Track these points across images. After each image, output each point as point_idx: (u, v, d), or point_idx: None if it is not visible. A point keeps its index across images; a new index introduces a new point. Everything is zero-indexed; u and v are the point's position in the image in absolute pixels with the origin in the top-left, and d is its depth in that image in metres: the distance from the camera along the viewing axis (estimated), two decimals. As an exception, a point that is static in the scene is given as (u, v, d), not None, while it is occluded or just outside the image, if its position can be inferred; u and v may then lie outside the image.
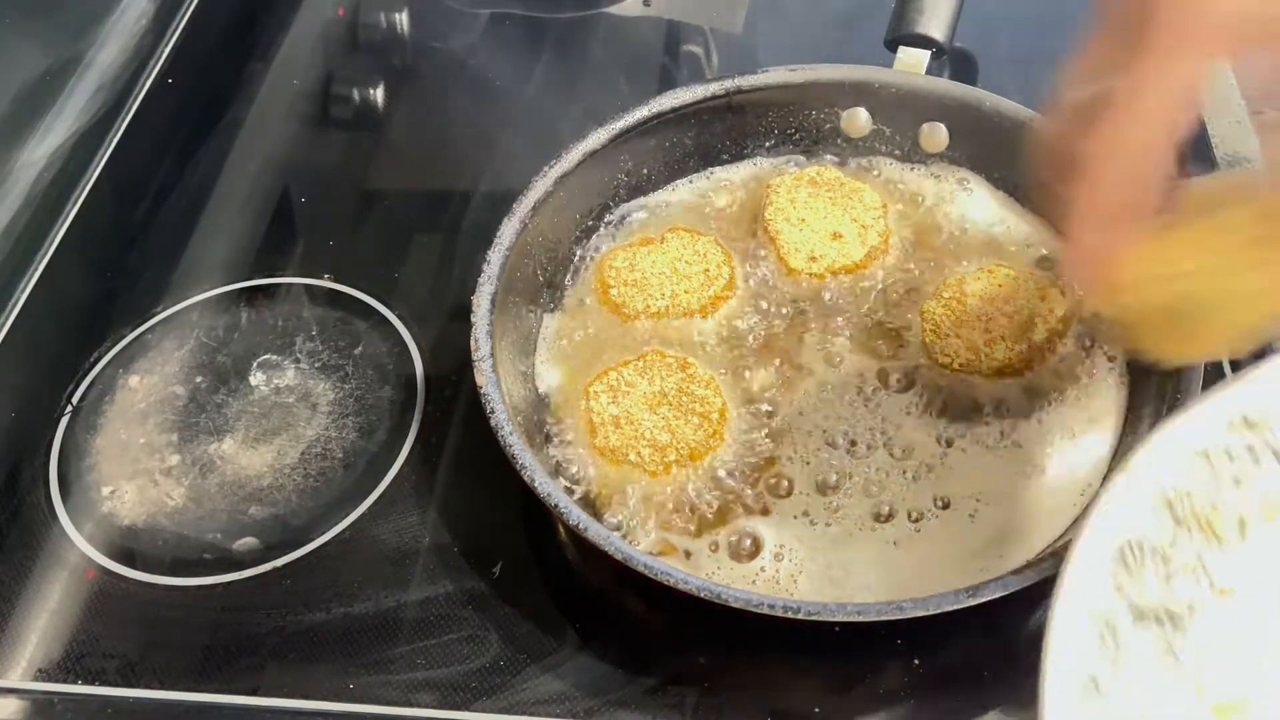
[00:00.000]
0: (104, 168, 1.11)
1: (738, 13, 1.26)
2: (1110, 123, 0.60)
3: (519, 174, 0.91)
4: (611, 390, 0.84)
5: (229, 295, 1.00)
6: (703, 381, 0.84)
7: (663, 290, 0.90)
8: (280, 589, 0.81)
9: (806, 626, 0.71)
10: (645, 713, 0.74)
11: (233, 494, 0.86)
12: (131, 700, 0.77)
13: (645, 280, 0.90)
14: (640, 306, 0.90)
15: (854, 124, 0.98)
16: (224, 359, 0.95)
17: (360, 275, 1.00)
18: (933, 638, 0.76)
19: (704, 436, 0.81)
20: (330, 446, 0.89)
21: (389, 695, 0.76)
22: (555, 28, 1.27)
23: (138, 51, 1.21)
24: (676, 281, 0.90)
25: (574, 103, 1.15)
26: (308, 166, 1.13)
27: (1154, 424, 0.77)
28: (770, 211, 0.94)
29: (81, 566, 0.83)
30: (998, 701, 0.74)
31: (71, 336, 0.97)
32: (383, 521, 0.84)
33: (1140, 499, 0.63)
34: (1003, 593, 0.69)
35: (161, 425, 0.90)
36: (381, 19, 1.27)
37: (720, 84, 0.96)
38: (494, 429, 0.76)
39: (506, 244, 0.86)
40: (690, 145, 0.98)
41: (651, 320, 0.89)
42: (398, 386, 0.92)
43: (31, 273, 1.02)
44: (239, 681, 0.77)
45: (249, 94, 1.19)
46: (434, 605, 0.80)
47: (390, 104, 1.20)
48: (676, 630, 0.78)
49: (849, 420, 0.84)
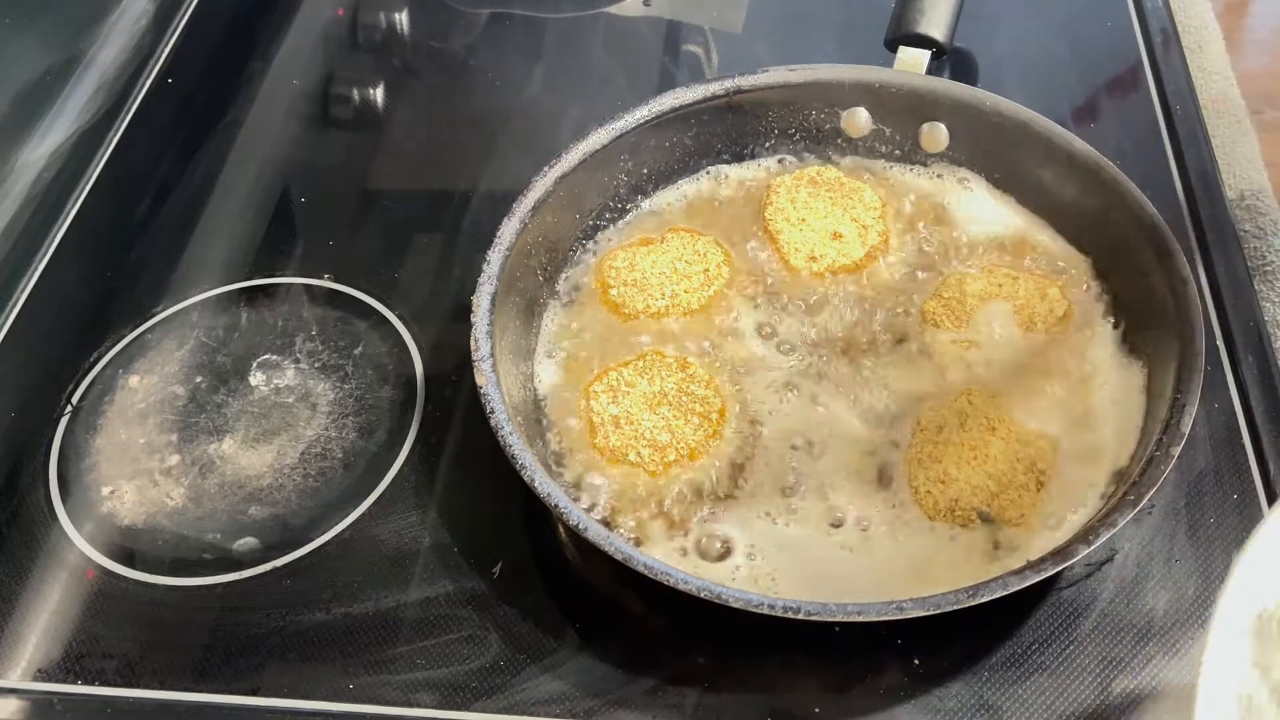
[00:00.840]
0: (104, 168, 1.11)
1: (738, 13, 1.26)
2: None
3: (519, 174, 0.91)
4: (611, 390, 0.84)
5: (229, 295, 1.00)
6: (702, 381, 0.84)
7: (662, 290, 0.90)
8: (280, 589, 0.81)
9: (806, 626, 0.71)
10: (645, 713, 0.74)
11: (232, 494, 0.86)
12: (131, 700, 0.76)
13: (645, 280, 0.90)
14: (640, 306, 0.90)
15: (854, 124, 0.98)
16: (224, 359, 0.95)
17: (360, 275, 1.00)
18: (933, 638, 0.76)
19: (704, 437, 0.82)
20: (330, 446, 0.89)
21: (389, 695, 0.76)
22: (555, 28, 1.27)
23: (138, 51, 1.21)
24: (676, 281, 0.90)
25: (574, 103, 1.15)
26: (308, 166, 1.13)
27: (1158, 427, 0.77)
28: (770, 211, 0.94)
29: (81, 566, 0.83)
30: (998, 701, 0.74)
31: (71, 336, 0.97)
32: (383, 521, 0.84)
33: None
34: (1003, 593, 0.69)
35: (161, 425, 0.90)
36: (381, 19, 1.27)
37: (720, 84, 0.96)
38: (494, 429, 0.76)
39: (506, 244, 0.86)
40: (690, 145, 0.98)
41: (651, 320, 0.89)
42: (398, 386, 0.92)
43: (31, 273, 1.02)
44: (238, 681, 0.77)
45: (249, 94, 1.19)
46: (434, 605, 0.80)
47: (390, 104, 1.20)
48: (676, 630, 0.78)
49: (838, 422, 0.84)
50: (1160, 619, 0.77)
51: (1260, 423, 0.86)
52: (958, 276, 0.89)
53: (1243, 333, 0.91)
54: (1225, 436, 0.85)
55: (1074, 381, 0.84)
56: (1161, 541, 0.81)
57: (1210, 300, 0.93)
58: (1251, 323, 0.92)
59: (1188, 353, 0.78)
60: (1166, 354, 0.80)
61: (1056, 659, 0.76)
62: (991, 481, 0.79)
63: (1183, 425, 0.75)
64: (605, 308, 0.91)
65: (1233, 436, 0.85)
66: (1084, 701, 0.74)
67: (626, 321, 0.90)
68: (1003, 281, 0.88)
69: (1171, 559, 0.80)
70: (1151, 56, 1.15)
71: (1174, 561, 0.80)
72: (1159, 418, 0.78)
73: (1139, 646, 0.76)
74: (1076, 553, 0.70)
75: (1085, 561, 0.79)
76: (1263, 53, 2.23)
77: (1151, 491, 0.72)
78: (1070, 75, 1.13)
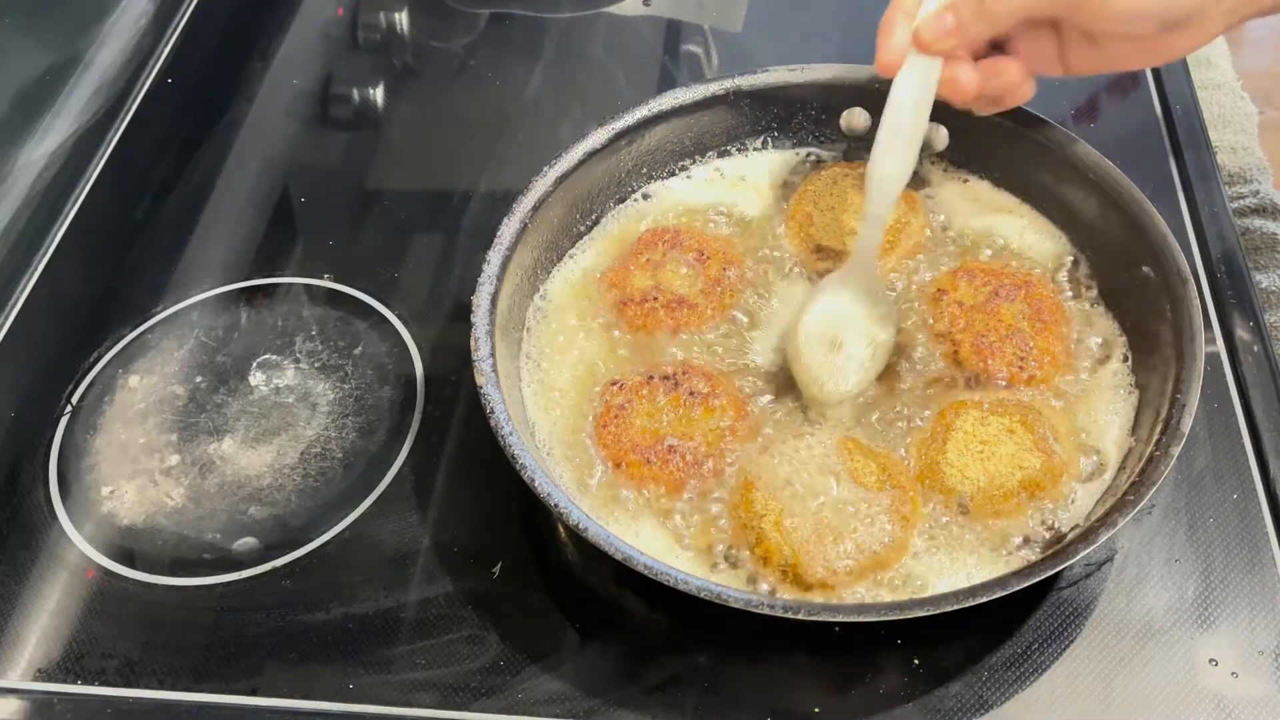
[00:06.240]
0: (104, 168, 1.11)
1: (738, 13, 1.26)
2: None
3: (519, 174, 0.91)
4: (617, 392, 0.83)
5: (229, 295, 1.00)
6: (709, 380, 0.84)
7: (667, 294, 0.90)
8: (280, 589, 0.81)
9: (806, 626, 0.71)
10: (645, 713, 0.74)
11: (232, 494, 0.86)
12: (131, 700, 0.77)
13: (650, 285, 0.90)
14: (643, 310, 0.89)
15: (854, 123, 0.98)
16: (224, 359, 0.95)
17: (360, 275, 1.00)
18: (933, 638, 0.76)
19: (715, 438, 0.81)
20: (330, 446, 0.89)
21: (389, 695, 0.76)
22: (555, 28, 1.27)
23: (138, 51, 1.21)
24: (678, 283, 0.90)
25: (574, 103, 1.15)
26: (308, 166, 1.13)
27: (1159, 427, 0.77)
28: (794, 203, 0.95)
29: (81, 566, 0.83)
30: (998, 701, 0.74)
31: (71, 336, 0.97)
32: (383, 521, 0.84)
33: None
34: (1002, 593, 0.69)
35: (161, 425, 0.90)
36: (381, 19, 1.27)
37: (720, 84, 0.96)
38: (494, 429, 0.76)
39: (506, 244, 0.86)
40: (690, 145, 0.98)
41: (653, 321, 0.89)
42: (398, 386, 0.92)
43: (31, 273, 1.02)
44: (238, 681, 0.77)
45: (249, 94, 1.19)
46: (434, 605, 0.80)
47: (390, 104, 1.20)
48: (676, 630, 0.78)
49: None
50: (1160, 619, 0.77)
51: (1260, 423, 0.86)
52: (952, 274, 0.89)
53: (1243, 333, 0.91)
54: (1225, 436, 0.85)
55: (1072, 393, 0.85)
56: (1161, 541, 0.81)
57: (1210, 299, 0.93)
58: (1251, 323, 0.92)
59: (1188, 353, 0.78)
60: (1166, 354, 0.80)
61: (1056, 659, 0.75)
62: (984, 478, 0.78)
63: (1183, 425, 0.75)
64: (606, 307, 0.90)
65: (1233, 436, 0.85)
66: (1084, 701, 0.74)
67: (626, 319, 0.90)
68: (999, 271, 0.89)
69: (1171, 559, 0.80)
70: (1151, 56, 1.15)
71: (1174, 561, 0.80)
72: (1159, 418, 0.77)
73: (1139, 646, 0.76)
74: (1076, 553, 0.70)
75: (1085, 561, 0.79)
76: (1263, 53, 2.23)
77: (1151, 491, 0.72)
78: (1070, 75, 1.13)
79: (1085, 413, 0.83)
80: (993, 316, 0.86)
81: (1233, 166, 1.35)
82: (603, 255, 0.94)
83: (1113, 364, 0.85)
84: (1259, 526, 0.81)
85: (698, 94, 0.96)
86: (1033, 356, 0.84)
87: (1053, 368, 0.84)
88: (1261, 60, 2.16)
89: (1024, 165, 0.94)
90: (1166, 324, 0.81)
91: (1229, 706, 0.73)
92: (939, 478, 0.79)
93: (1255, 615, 0.77)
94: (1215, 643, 0.76)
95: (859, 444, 0.80)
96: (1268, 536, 0.80)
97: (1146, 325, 0.84)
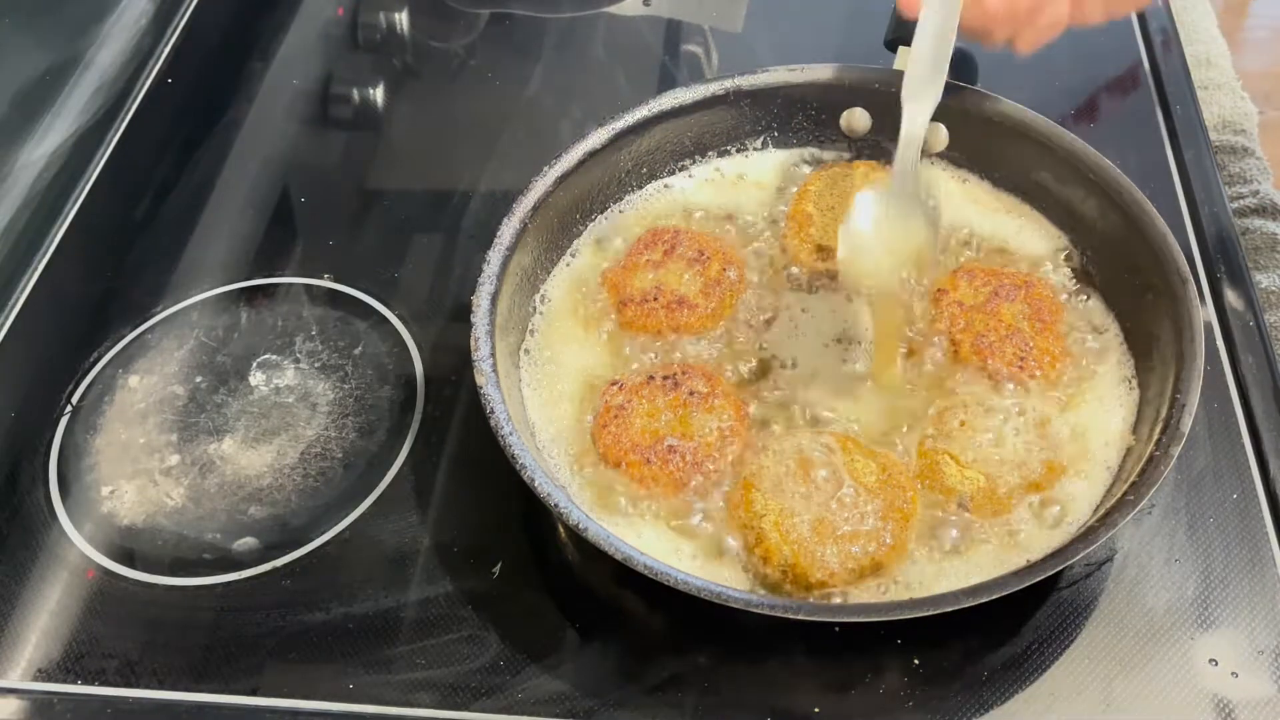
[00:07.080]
0: (104, 168, 1.11)
1: (738, 12, 1.26)
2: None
3: (519, 174, 0.91)
4: (617, 392, 0.84)
5: (229, 295, 1.00)
6: (709, 380, 0.84)
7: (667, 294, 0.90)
8: (280, 589, 0.81)
9: (806, 626, 0.71)
10: (645, 713, 0.74)
11: (232, 494, 0.86)
12: (131, 700, 0.77)
13: (650, 285, 0.90)
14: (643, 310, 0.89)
15: (854, 123, 0.98)
16: (224, 359, 0.95)
17: (360, 275, 1.00)
18: (933, 638, 0.76)
19: (715, 438, 0.81)
20: (330, 446, 0.89)
21: (389, 695, 0.76)
22: (555, 28, 1.27)
23: (138, 51, 1.21)
24: (678, 283, 0.90)
25: (574, 103, 1.15)
26: (308, 166, 1.13)
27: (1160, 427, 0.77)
28: (794, 203, 0.95)
29: (81, 566, 0.83)
30: (998, 701, 0.74)
31: (71, 336, 0.97)
32: (383, 521, 0.84)
33: None
34: (1002, 593, 0.69)
35: (161, 425, 0.90)
36: (381, 19, 1.27)
37: (720, 83, 0.96)
38: (494, 429, 0.76)
39: (506, 244, 0.86)
40: (690, 145, 0.98)
41: (653, 321, 0.89)
42: (398, 386, 0.92)
43: (31, 273, 1.02)
44: (238, 681, 0.77)
45: (249, 94, 1.19)
46: (434, 605, 0.80)
47: (390, 104, 1.20)
48: (676, 630, 0.78)
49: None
50: (1160, 619, 0.77)
51: (1260, 423, 0.86)
52: (952, 276, 0.89)
53: (1243, 333, 0.91)
54: (1225, 436, 0.85)
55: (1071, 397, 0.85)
56: (1161, 541, 0.81)
57: (1210, 300, 0.93)
58: (1251, 322, 0.92)
59: (1188, 352, 0.78)
60: (1166, 354, 0.80)
61: (1056, 659, 0.75)
62: (984, 478, 0.78)
63: (1183, 425, 0.75)
64: (606, 308, 0.90)
65: (1233, 437, 0.85)
66: (1084, 701, 0.74)
67: (626, 320, 0.90)
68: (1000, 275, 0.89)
69: (1171, 559, 0.80)
70: (1151, 56, 1.15)
71: (1174, 561, 0.80)
72: (1159, 418, 0.78)
73: (1139, 646, 0.76)
74: (1076, 553, 0.70)
75: (1085, 561, 0.79)
76: (1263, 53, 2.23)
77: (1151, 491, 0.72)
78: (1070, 75, 1.13)
79: (1085, 412, 0.83)
80: (993, 316, 0.86)
81: (1233, 166, 1.35)
82: (603, 255, 0.95)
83: (1112, 364, 0.86)
84: (1259, 526, 0.81)
85: (698, 94, 0.96)
86: (1033, 356, 0.84)
87: (1052, 367, 0.85)
88: (1261, 60, 2.16)
89: (1024, 165, 0.94)
90: (1166, 324, 0.81)
91: (1229, 706, 0.73)
92: (939, 477, 0.79)
93: (1255, 615, 0.77)
94: (1215, 643, 0.76)
95: (859, 444, 0.80)
96: (1268, 536, 0.80)
97: (1146, 325, 0.84)
